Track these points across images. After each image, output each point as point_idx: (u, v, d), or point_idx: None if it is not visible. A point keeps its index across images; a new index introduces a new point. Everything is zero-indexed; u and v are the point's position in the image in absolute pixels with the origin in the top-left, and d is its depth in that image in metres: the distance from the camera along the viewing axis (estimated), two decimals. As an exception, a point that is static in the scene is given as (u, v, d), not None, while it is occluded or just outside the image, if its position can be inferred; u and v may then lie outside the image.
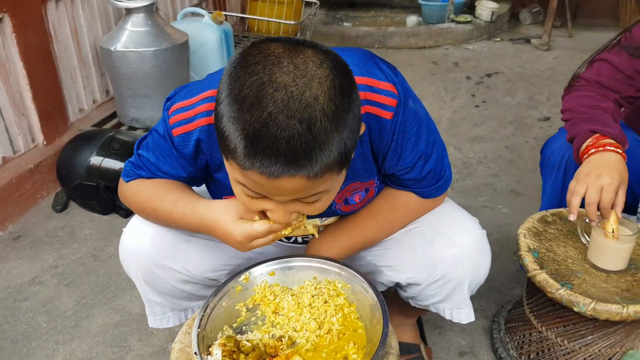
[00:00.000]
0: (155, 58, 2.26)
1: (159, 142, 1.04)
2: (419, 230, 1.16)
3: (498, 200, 2.23)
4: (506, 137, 2.77)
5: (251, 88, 0.75)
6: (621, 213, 1.22)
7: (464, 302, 1.19)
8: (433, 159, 1.07)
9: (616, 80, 1.40)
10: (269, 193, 0.82)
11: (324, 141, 0.75)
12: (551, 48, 4.07)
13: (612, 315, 1.14)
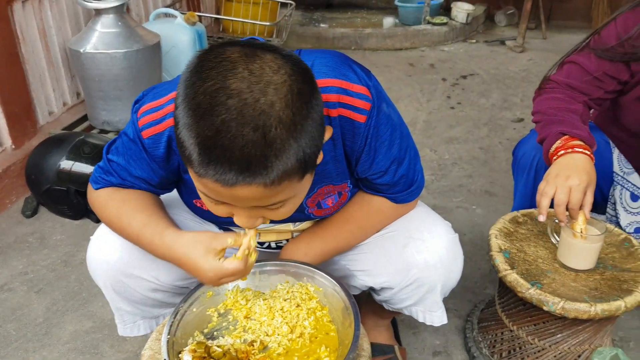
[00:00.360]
0: (126, 60, 2.23)
1: (129, 145, 1.02)
2: (392, 235, 1.16)
3: (472, 201, 2.25)
4: (480, 139, 2.80)
5: (205, 94, 0.73)
6: (589, 213, 1.24)
7: (437, 305, 1.20)
8: (406, 164, 1.07)
9: (585, 82, 1.42)
10: (228, 200, 0.81)
11: (279, 149, 0.74)
12: (525, 50, 4.12)
13: (581, 313, 1.16)
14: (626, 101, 1.44)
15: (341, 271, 1.24)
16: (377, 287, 1.19)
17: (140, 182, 1.06)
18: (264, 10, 3.77)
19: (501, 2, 4.81)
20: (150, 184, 1.06)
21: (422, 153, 2.62)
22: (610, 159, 1.54)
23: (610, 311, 1.16)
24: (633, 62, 1.35)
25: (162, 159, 1.00)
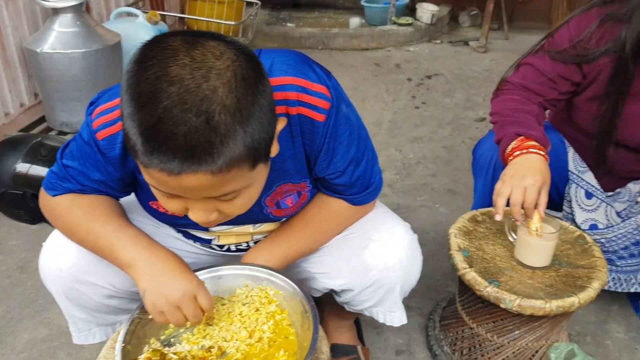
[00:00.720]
0: (84, 60, 2.18)
1: (84, 148, 0.99)
2: (352, 237, 1.16)
3: (435, 199, 2.28)
4: (444, 138, 2.83)
5: (146, 83, 0.71)
6: (544, 212, 1.27)
7: (396, 306, 1.21)
8: (363, 165, 1.07)
9: (540, 84, 1.45)
10: (178, 192, 0.78)
11: (225, 135, 0.71)
12: (488, 50, 4.20)
13: (536, 310, 1.19)
14: (579, 102, 1.47)
15: (302, 274, 1.24)
16: (337, 289, 1.20)
17: (100, 186, 1.03)
18: (229, 10, 3.74)
19: (465, 3, 4.89)
20: (109, 186, 1.03)
21: (388, 152, 2.64)
22: (565, 158, 1.58)
23: (564, 307, 1.19)
24: (584, 64, 1.39)
25: (117, 161, 0.98)
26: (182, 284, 0.95)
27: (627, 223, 1.50)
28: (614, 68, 1.36)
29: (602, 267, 1.29)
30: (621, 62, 1.34)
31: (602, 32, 1.35)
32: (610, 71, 1.37)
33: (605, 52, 1.35)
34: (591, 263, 1.32)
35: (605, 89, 1.40)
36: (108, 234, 0.99)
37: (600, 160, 1.52)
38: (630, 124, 1.41)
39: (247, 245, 1.21)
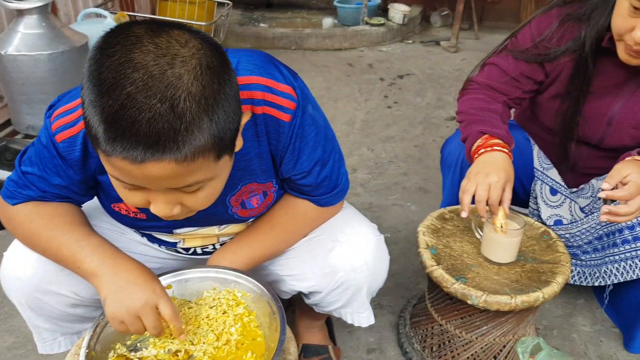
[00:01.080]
0: (50, 62, 2.14)
1: (42, 153, 0.97)
2: (319, 239, 1.17)
3: (407, 198, 2.30)
4: (416, 137, 2.86)
5: (109, 69, 0.70)
6: (508, 208, 1.29)
7: (364, 306, 1.22)
8: (329, 166, 1.08)
9: (504, 83, 1.47)
10: (141, 182, 0.76)
11: (190, 122, 0.70)
12: (459, 50, 4.25)
13: (502, 306, 1.21)
14: (542, 100, 1.50)
15: (271, 276, 1.24)
16: (305, 291, 1.20)
17: (61, 191, 1.01)
18: (200, 10, 3.72)
19: (436, 3, 4.94)
20: (71, 191, 1.02)
21: (360, 152, 2.66)
22: (530, 155, 1.61)
23: (529, 302, 1.21)
24: (546, 63, 1.42)
25: (78, 163, 0.96)
26: (144, 293, 0.92)
27: (590, 218, 1.54)
28: (574, 67, 1.39)
29: (565, 262, 1.32)
30: (581, 60, 1.37)
31: (562, 32, 1.38)
32: (570, 70, 1.40)
33: (565, 51, 1.38)
34: (555, 258, 1.34)
35: (566, 87, 1.43)
36: (71, 243, 0.97)
37: (564, 157, 1.56)
38: (590, 122, 1.44)
39: (213, 248, 1.21)
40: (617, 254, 1.50)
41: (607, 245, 1.53)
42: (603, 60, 1.37)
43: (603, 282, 1.55)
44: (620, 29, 1.24)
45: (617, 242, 1.49)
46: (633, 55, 1.25)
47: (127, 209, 1.05)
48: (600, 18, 1.31)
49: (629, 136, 1.42)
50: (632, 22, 1.20)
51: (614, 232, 1.50)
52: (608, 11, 1.29)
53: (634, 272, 1.46)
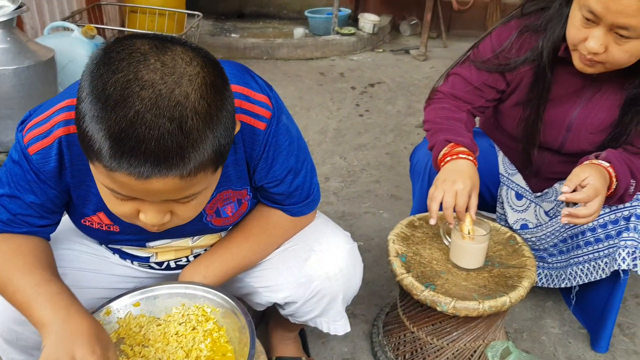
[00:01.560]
0: (16, 77, 2.11)
1: (14, 170, 0.95)
2: (293, 249, 1.17)
3: (379, 205, 2.32)
4: (387, 144, 2.89)
5: (115, 86, 0.71)
6: (475, 214, 1.32)
7: (339, 314, 1.23)
8: (302, 175, 1.09)
9: (467, 92, 1.51)
10: (140, 195, 0.78)
11: (196, 139, 0.73)
12: (428, 58, 4.31)
13: (471, 311, 1.23)
14: (504, 108, 1.54)
15: (245, 289, 1.24)
16: (281, 302, 1.20)
17: (35, 211, 0.98)
18: (170, 21, 3.71)
19: (405, 13, 5.02)
20: (45, 209, 0.99)
21: (333, 160, 2.67)
22: (496, 161, 1.65)
23: (497, 307, 1.23)
24: (507, 72, 1.45)
25: (53, 175, 0.94)
26: (81, 352, 0.84)
27: (554, 221, 1.58)
28: (533, 75, 1.43)
29: (531, 266, 1.35)
30: (539, 70, 1.41)
31: (521, 42, 1.42)
32: (530, 78, 1.44)
33: (525, 61, 1.42)
34: (521, 262, 1.37)
35: (527, 96, 1.47)
36: (27, 288, 0.91)
37: (527, 163, 1.59)
38: (550, 128, 1.48)
39: (187, 260, 1.20)
40: (580, 256, 1.54)
41: (571, 247, 1.57)
42: (560, 69, 1.41)
43: (569, 283, 1.59)
44: (574, 40, 1.28)
45: (580, 244, 1.53)
46: (588, 64, 1.29)
47: (100, 222, 1.04)
48: (556, 29, 1.36)
49: (587, 141, 1.47)
50: (585, 33, 1.25)
51: (577, 235, 1.54)
52: (562, 22, 1.34)
53: (597, 273, 1.50)
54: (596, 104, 1.43)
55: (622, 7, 1.15)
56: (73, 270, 1.10)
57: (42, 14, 3.07)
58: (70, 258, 1.12)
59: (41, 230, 1.02)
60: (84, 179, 0.96)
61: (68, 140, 0.92)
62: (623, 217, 1.43)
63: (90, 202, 1.01)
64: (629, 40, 1.20)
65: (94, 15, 3.48)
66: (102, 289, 1.16)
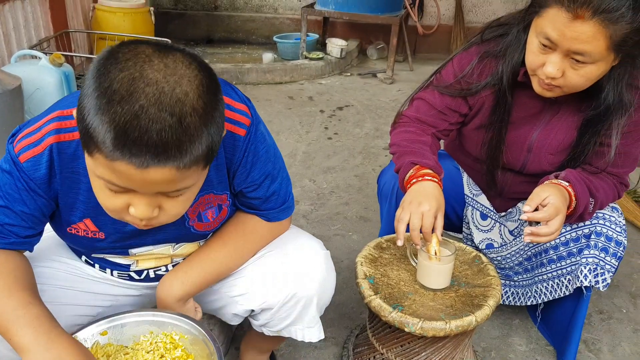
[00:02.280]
0: (-20, 105, 2.09)
1: (4, 180, 0.98)
2: (268, 255, 1.21)
3: (348, 227, 2.34)
4: (356, 167, 2.93)
5: (122, 82, 0.77)
6: (441, 235, 1.35)
7: (314, 320, 1.24)
8: (278, 181, 1.16)
9: (431, 116, 1.55)
10: (136, 185, 0.83)
11: (193, 134, 0.80)
12: (395, 81, 4.40)
13: (437, 331, 1.25)
14: (468, 131, 1.59)
15: (221, 300, 1.26)
16: (257, 308, 1.21)
17: (22, 221, 1.00)
18: (139, 48, 3.70)
19: (372, 37, 5.12)
20: (34, 218, 1.01)
21: (302, 184, 2.69)
22: (460, 183, 1.69)
23: (463, 327, 1.25)
24: (469, 97, 1.51)
25: (42, 182, 0.98)
26: None
27: (518, 240, 1.63)
28: (494, 99, 1.49)
29: (496, 285, 1.39)
30: (500, 94, 1.47)
31: (481, 68, 1.48)
32: (492, 102, 1.50)
33: (485, 86, 1.47)
34: (487, 282, 1.41)
35: (489, 119, 1.52)
36: (7, 311, 0.93)
37: (491, 184, 1.64)
38: (512, 150, 1.53)
39: (166, 270, 1.21)
40: (545, 274, 1.58)
41: (535, 265, 1.61)
42: (520, 93, 1.47)
43: (534, 301, 1.63)
44: (532, 65, 1.34)
45: (544, 262, 1.58)
46: (546, 88, 1.35)
47: (86, 229, 1.07)
48: (515, 54, 1.42)
49: (547, 162, 1.52)
50: (542, 59, 1.30)
51: (541, 253, 1.58)
52: (521, 48, 1.40)
53: (561, 290, 1.54)
54: (555, 126, 1.49)
55: (577, 33, 1.20)
56: (50, 287, 1.12)
57: (8, 42, 3.04)
58: (48, 275, 1.13)
59: (27, 242, 1.04)
60: (72, 186, 1.01)
61: (59, 148, 0.97)
62: (584, 234, 1.48)
63: (77, 210, 1.04)
64: (585, 65, 1.26)
65: (62, 42, 3.46)
66: (80, 306, 1.17)
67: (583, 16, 1.18)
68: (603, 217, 1.46)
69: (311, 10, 4.56)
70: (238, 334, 1.68)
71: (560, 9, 1.21)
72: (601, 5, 1.17)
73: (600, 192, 1.41)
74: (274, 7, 5.32)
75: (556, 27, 1.23)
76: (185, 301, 1.15)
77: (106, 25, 3.81)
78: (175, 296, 1.13)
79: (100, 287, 1.22)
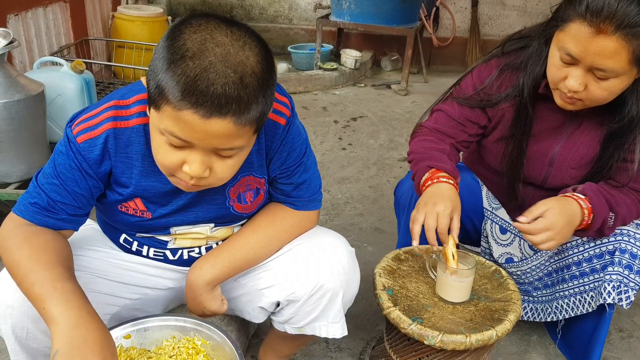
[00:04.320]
0: (6, 110, 2.10)
1: (60, 161, 1.06)
2: (296, 248, 1.25)
3: (363, 238, 2.34)
4: (370, 178, 2.93)
5: (194, 42, 0.88)
6: (457, 236, 1.35)
7: (339, 315, 1.26)
8: (310, 171, 1.24)
9: (450, 127, 1.56)
10: (197, 137, 0.91)
11: (251, 94, 0.89)
12: (409, 93, 4.41)
13: (458, 345, 1.24)
14: (488, 143, 1.59)
15: (248, 294, 1.29)
16: (283, 300, 1.24)
17: (72, 200, 1.07)
18: (156, 56, 3.74)
19: (386, 48, 5.14)
20: (82, 198, 1.08)
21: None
22: (480, 195, 1.69)
23: (483, 341, 1.25)
24: (488, 108, 1.51)
25: (95, 163, 1.06)
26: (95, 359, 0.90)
27: (539, 255, 1.62)
28: (515, 111, 1.49)
29: (516, 300, 1.38)
30: (521, 106, 1.47)
31: (501, 80, 1.49)
32: (512, 114, 1.50)
33: (506, 97, 1.48)
34: (507, 296, 1.40)
35: (509, 131, 1.52)
36: (46, 282, 0.96)
37: (512, 197, 1.64)
38: (533, 163, 1.53)
39: (199, 252, 1.26)
40: (566, 290, 1.57)
41: (556, 281, 1.60)
42: (541, 106, 1.47)
43: (555, 317, 1.61)
44: (554, 79, 1.34)
45: (565, 277, 1.57)
46: (568, 101, 1.35)
47: (135, 208, 1.14)
48: (536, 67, 1.42)
49: (569, 176, 1.52)
50: (564, 72, 1.31)
51: (562, 269, 1.57)
52: (542, 61, 1.40)
53: (583, 307, 1.53)
54: (577, 139, 1.48)
55: (599, 49, 1.21)
56: (83, 274, 1.15)
57: (30, 48, 3.08)
58: (83, 263, 1.17)
59: (74, 220, 1.11)
60: (125, 169, 1.10)
61: (115, 134, 1.06)
62: (608, 251, 1.47)
63: (129, 190, 1.12)
64: (608, 79, 1.26)
65: (82, 50, 3.50)
66: (109, 296, 1.21)
67: (606, 31, 1.19)
68: (627, 233, 1.45)
69: (326, 21, 4.59)
70: (254, 342, 1.69)
71: (582, 24, 1.22)
72: (625, 20, 1.17)
73: (622, 208, 1.40)
74: (288, 17, 5.36)
75: (579, 43, 1.23)
76: (213, 287, 1.19)
77: (125, 33, 3.86)
78: (205, 279, 1.17)
79: (132, 277, 1.26)
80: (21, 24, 2.98)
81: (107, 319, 1.21)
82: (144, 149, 1.08)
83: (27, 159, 2.26)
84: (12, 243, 1.02)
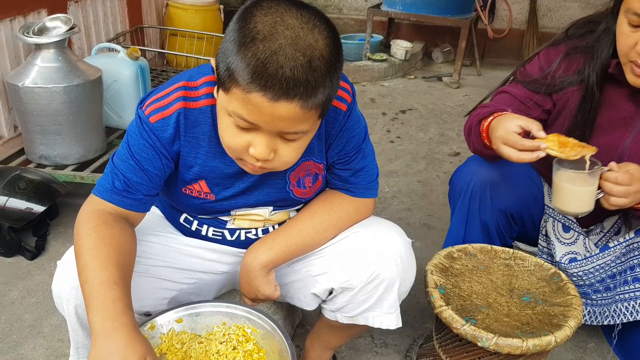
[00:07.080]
0: (66, 94, 2.17)
1: (133, 142, 1.08)
2: (352, 236, 1.24)
3: (411, 234, 2.29)
4: (419, 172, 2.88)
5: (264, 24, 0.89)
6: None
7: (394, 306, 1.24)
8: (369, 159, 1.23)
9: (513, 107, 1.50)
10: (264, 120, 0.92)
11: (318, 79, 0.90)
12: (461, 86, 4.31)
13: (514, 349, 1.20)
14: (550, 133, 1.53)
15: (302, 280, 1.28)
16: (337, 287, 1.22)
17: (147, 179, 1.08)
18: (209, 45, 3.79)
19: (438, 39, 5.03)
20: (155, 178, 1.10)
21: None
22: (541, 189, 1.62)
23: (541, 346, 1.20)
24: (553, 93, 1.46)
25: (168, 142, 1.08)
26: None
27: (605, 253, 1.53)
28: (581, 96, 1.43)
29: (577, 306, 1.32)
30: (588, 89, 1.41)
31: (567, 63, 1.43)
32: (577, 99, 1.44)
33: (572, 82, 1.42)
34: (567, 301, 1.35)
35: (573, 119, 1.46)
36: (94, 283, 0.95)
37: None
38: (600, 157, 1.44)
39: (256, 234, 1.27)
40: (627, 292, 1.50)
41: (618, 283, 1.52)
42: (611, 91, 1.40)
43: (612, 321, 1.54)
44: (624, 47, 1.28)
45: (627, 279, 1.49)
46: None
47: (200, 190, 1.16)
48: (604, 47, 1.37)
49: (640, 173, 1.44)
50: (634, 38, 1.25)
51: (626, 270, 1.50)
52: (611, 40, 1.34)
53: (643, 313, 1.46)
54: None
55: None
56: (144, 259, 1.17)
57: (89, 35, 3.17)
58: (145, 248, 1.19)
59: (149, 201, 1.12)
60: (192, 150, 1.11)
61: (185, 113, 1.08)
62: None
63: (194, 171, 1.14)
64: None
65: (136, 37, 3.58)
66: (167, 281, 1.23)
67: None
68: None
69: (377, 11, 4.52)
70: (299, 332, 1.69)
71: None
72: None
73: None
74: (338, 7, 5.31)
75: None
76: (269, 270, 1.19)
77: (178, 21, 3.91)
78: (261, 262, 1.18)
79: (190, 262, 1.26)
80: (80, 10, 3.07)
81: (165, 303, 1.23)
82: (210, 130, 1.09)
83: (84, 142, 2.33)
84: (84, 228, 1.03)
